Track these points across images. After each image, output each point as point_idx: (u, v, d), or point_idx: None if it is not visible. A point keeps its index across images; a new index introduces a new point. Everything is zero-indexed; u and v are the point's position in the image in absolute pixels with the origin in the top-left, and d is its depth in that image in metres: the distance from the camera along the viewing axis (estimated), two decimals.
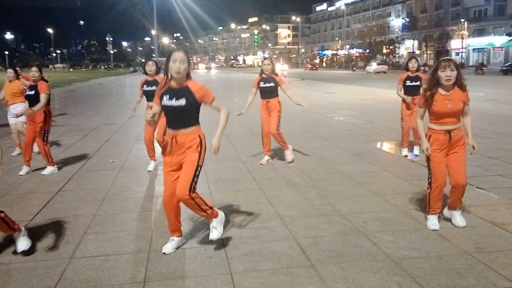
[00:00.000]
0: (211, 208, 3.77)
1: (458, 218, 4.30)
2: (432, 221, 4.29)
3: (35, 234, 4.23)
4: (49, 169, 6.67)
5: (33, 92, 6.42)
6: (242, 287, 3.20)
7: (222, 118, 3.67)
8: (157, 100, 3.64)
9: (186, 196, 3.53)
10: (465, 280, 3.24)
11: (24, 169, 6.63)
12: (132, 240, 4.08)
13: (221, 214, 3.91)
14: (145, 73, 6.72)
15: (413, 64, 7.27)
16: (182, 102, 3.52)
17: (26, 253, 3.73)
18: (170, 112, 3.59)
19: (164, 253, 3.75)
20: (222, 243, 3.96)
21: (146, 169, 6.79)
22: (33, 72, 6.52)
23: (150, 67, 6.60)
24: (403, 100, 7.47)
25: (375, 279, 3.27)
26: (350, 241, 3.98)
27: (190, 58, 3.72)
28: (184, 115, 3.56)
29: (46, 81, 6.63)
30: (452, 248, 3.80)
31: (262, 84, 6.89)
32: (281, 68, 65.36)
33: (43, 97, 6.35)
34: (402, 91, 7.45)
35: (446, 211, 4.44)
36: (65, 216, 4.75)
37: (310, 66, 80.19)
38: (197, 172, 3.59)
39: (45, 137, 6.57)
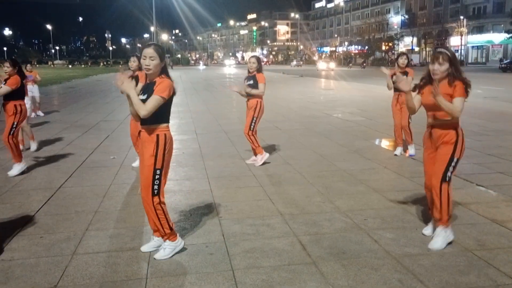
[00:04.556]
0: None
1: None
2: None
3: (36, 230, 4.25)
4: (16, 168, 6.33)
5: None
6: (243, 283, 3.22)
7: None
8: None
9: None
10: (466, 277, 3.26)
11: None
12: (134, 236, 4.08)
13: None
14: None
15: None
16: None
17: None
18: None
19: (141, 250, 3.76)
20: (223, 240, 3.98)
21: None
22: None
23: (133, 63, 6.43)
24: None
25: (376, 276, 3.29)
26: (351, 238, 4.00)
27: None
28: None
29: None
30: (453, 245, 3.81)
31: (246, 82, 6.70)
32: (327, 66, 58.95)
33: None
34: None
35: None
36: (66, 212, 4.76)
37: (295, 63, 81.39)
38: None
39: (11, 131, 6.29)
